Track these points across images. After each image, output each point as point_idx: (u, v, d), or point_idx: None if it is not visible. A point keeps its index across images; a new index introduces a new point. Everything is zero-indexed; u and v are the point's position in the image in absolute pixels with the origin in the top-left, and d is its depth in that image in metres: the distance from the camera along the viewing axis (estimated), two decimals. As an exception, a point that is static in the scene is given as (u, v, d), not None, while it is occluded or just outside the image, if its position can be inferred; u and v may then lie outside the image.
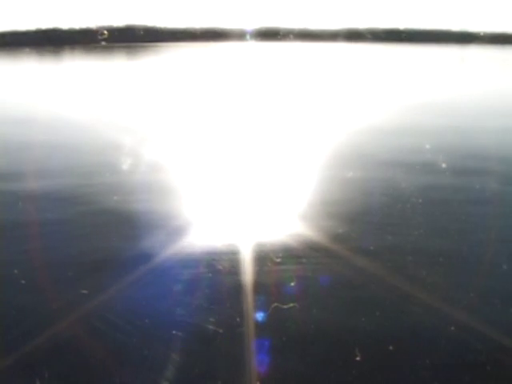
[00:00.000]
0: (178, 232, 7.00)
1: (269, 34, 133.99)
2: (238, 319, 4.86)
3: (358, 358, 4.35)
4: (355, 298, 5.44)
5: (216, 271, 5.86)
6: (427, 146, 11.88)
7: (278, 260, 6.12)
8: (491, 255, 6.37)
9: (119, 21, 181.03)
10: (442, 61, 59.88)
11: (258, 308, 5.05)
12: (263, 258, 6.16)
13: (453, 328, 4.79)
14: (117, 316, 4.93)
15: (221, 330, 4.67)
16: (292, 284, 5.62)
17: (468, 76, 36.55)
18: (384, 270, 5.96)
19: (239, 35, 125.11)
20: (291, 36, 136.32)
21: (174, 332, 4.68)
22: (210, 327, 4.74)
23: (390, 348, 4.50)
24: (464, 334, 4.72)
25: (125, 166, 10.40)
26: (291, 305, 5.11)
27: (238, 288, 5.50)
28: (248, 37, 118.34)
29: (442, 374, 4.25)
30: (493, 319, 4.95)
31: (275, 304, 5.06)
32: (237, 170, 10.51)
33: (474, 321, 4.86)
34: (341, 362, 4.34)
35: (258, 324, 4.85)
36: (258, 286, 5.55)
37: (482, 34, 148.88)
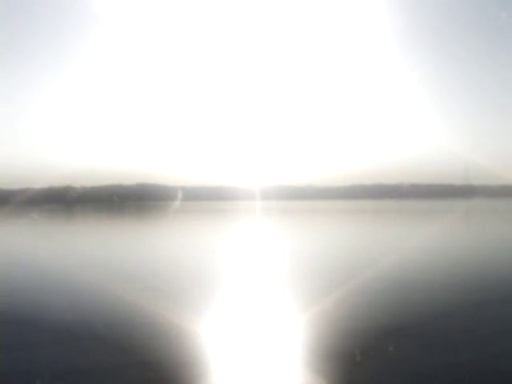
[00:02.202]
0: None
1: (276, 192, 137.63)
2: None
3: None
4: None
5: None
6: None
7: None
8: None
9: (130, 179, 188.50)
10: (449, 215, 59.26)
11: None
12: None
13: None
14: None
15: None
16: None
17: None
18: None
19: (247, 193, 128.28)
20: (298, 194, 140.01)
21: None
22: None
23: None
24: None
25: None
26: None
27: None
28: (256, 195, 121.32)
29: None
30: None
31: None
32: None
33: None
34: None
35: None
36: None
37: (484, 186, 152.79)
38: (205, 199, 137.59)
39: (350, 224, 45.60)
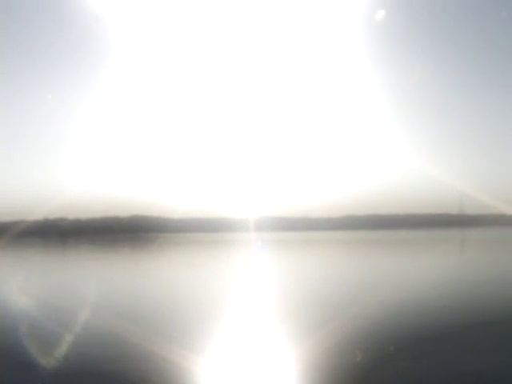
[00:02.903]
0: None
1: (270, 223, 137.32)
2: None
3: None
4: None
5: None
6: None
7: None
8: None
9: (125, 211, 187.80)
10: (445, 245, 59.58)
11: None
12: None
13: None
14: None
15: None
16: None
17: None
18: None
19: (242, 225, 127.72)
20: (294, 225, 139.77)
21: None
22: None
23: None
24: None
25: None
26: None
27: None
28: (251, 227, 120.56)
29: None
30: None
31: None
32: None
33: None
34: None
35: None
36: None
37: (478, 216, 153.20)
38: (200, 231, 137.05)
39: (347, 257, 45.77)
